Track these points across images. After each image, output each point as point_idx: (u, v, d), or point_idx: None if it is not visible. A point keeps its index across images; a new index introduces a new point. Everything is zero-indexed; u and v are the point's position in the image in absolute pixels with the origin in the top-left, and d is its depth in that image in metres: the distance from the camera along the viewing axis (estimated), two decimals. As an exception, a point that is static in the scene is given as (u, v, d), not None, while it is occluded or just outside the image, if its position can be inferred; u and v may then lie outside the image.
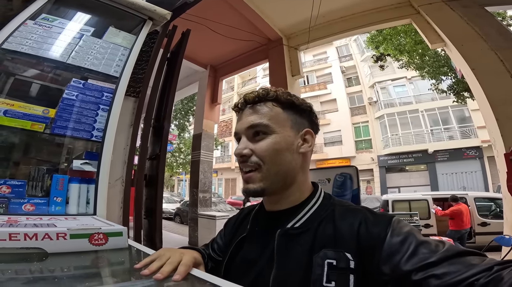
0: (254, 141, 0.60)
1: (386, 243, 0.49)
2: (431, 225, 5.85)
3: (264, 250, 0.58)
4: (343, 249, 0.51)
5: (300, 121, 0.63)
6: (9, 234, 0.60)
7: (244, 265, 0.60)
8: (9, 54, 1.01)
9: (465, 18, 3.16)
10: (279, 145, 0.58)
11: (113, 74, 1.17)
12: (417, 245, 0.47)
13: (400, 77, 15.19)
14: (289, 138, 0.60)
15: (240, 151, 0.59)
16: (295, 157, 0.60)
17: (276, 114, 0.60)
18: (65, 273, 0.60)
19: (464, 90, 6.24)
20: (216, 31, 4.41)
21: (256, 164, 0.58)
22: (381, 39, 6.29)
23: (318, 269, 0.50)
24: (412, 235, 0.49)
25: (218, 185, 21.29)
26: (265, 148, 0.58)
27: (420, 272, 0.43)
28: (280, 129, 0.59)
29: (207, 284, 0.48)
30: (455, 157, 13.11)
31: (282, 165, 0.58)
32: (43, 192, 0.97)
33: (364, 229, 0.52)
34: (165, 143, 2.06)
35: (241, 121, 0.63)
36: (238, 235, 0.65)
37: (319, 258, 0.51)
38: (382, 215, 0.55)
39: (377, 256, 0.48)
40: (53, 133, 1.00)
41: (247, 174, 0.59)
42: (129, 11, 1.33)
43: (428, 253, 0.45)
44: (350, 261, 0.50)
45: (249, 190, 0.59)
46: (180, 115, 11.95)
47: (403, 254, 0.46)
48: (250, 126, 0.60)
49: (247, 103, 0.63)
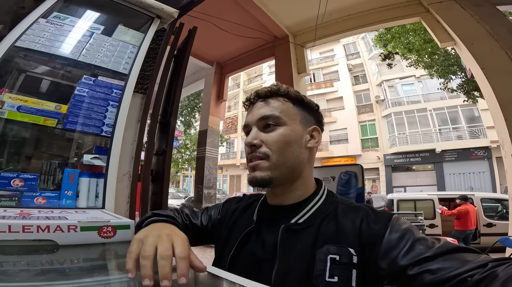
0: (264, 132, 0.61)
1: (385, 239, 0.50)
2: (436, 225, 5.81)
3: (268, 244, 0.59)
4: (346, 245, 0.52)
5: (308, 117, 0.65)
6: (23, 226, 0.62)
7: (249, 259, 0.60)
8: (23, 51, 1.04)
9: (476, 17, 3.10)
10: (288, 137, 0.60)
11: (122, 71, 1.20)
12: (414, 241, 0.48)
13: (408, 76, 14.99)
14: (298, 131, 0.62)
15: (251, 140, 0.60)
16: (303, 151, 0.62)
17: (287, 108, 0.62)
18: (76, 264, 0.63)
19: (474, 89, 6.14)
20: (222, 28, 4.41)
21: (264, 155, 0.59)
22: (389, 37, 6.21)
23: (320, 265, 0.51)
24: (410, 231, 0.50)
25: (223, 182, 21.39)
26: (275, 139, 0.59)
27: (415, 267, 0.44)
28: (290, 121, 0.61)
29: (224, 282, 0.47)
30: (463, 157, 12.92)
31: (290, 157, 0.60)
32: (54, 186, 1.00)
33: (366, 226, 0.53)
34: (171, 139, 2.09)
35: (252, 113, 0.64)
36: (244, 226, 0.65)
37: (321, 254, 0.52)
38: (382, 212, 0.57)
39: (376, 251, 0.50)
40: (65, 128, 1.03)
41: (254, 162, 0.60)
42: (137, 9, 1.35)
43: (424, 248, 0.46)
44: (353, 256, 0.51)
45: (256, 178, 0.59)
46: (186, 112, 12.01)
47: (400, 249, 0.47)
48: (262, 117, 0.61)
49: (259, 97, 0.65)
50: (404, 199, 6.56)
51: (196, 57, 5.78)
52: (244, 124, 0.66)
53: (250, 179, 0.61)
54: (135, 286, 0.50)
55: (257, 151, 0.60)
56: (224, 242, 0.68)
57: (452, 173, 13.16)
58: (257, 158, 0.59)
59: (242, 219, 0.69)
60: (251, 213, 0.67)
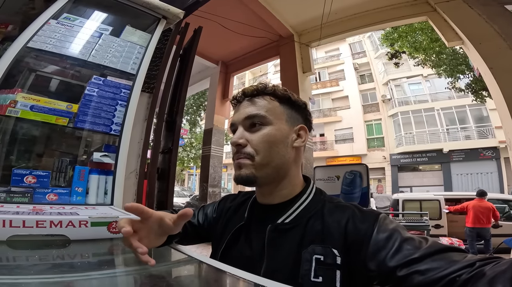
0: (250, 131, 0.61)
1: (372, 239, 0.50)
2: (441, 226, 5.74)
3: (256, 243, 0.59)
4: (330, 245, 0.52)
5: (295, 116, 0.64)
6: (37, 221, 0.64)
7: (238, 257, 0.60)
8: (34, 52, 1.07)
9: (484, 16, 3.06)
10: (274, 137, 0.59)
11: (130, 71, 1.22)
12: (401, 241, 0.48)
13: (416, 75, 14.80)
14: (284, 131, 0.61)
15: (236, 140, 0.60)
16: (289, 151, 0.61)
17: (273, 107, 0.62)
18: (87, 259, 0.65)
19: (483, 89, 6.05)
20: (228, 27, 4.43)
21: (249, 155, 0.59)
22: (396, 37, 6.14)
23: (306, 265, 0.52)
24: (397, 231, 0.50)
25: (228, 180, 21.44)
26: (260, 139, 0.59)
27: (404, 268, 0.44)
28: (276, 121, 0.61)
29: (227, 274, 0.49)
30: (471, 157, 12.73)
31: (276, 157, 0.59)
32: (65, 183, 1.03)
33: (352, 226, 0.53)
34: (177, 137, 2.12)
35: (238, 112, 0.64)
36: (235, 223, 0.65)
37: (307, 254, 0.53)
38: (369, 212, 0.56)
39: (364, 252, 0.50)
40: (76, 127, 1.06)
41: (239, 160, 0.60)
42: (144, 10, 1.37)
43: (412, 249, 0.46)
44: (336, 257, 0.51)
45: (241, 176, 0.59)
46: (192, 110, 12.07)
47: (388, 250, 0.47)
48: (247, 116, 0.61)
49: (246, 96, 0.64)
50: (409, 199, 6.51)
51: (202, 56, 5.80)
52: (231, 123, 0.66)
53: (235, 177, 0.61)
54: (141, 279, 0.53)
55: (242, 151, 0.59)
56: (218, 240, 0.68)
57: (460, 173, 12.98)
58: (242, 157, 0.59)
59: (235, 217, 0.70)
60: (243, 211, 0.68)
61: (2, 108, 0.94)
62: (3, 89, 0.97)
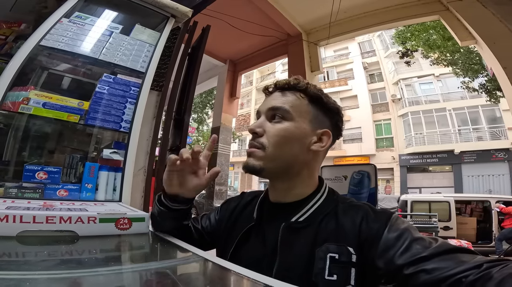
0: (270, 123, 0.61)
1: (383, 238, 0.50)
2: (450, 228, 5.65)
3: (268, 242, 0.59)
4: (345, 243, 0.52)
5: (322, 119, 0.62)
6: (46, 217, 0.64)
7: (249, 256, 0.60)
8: (47, 50, 1.09)
9: (498, 16, 2.97)
10: (291, 134, 0.59)
11: (140, 69, 1.23)
12: (411, 241, 0.48)
13: (427, 74, 14.53)
14: (304, 130, 0.60)
15: (253, 127, 0.61)
16: (304, 152, 0.60)
17: (300, 104, 0.61)
18: (95, 255, 0.66)
19: (497, 89, 5.91)
20: (236, 26, 4.42)
21: (261, 145, 0.59)
22: (408, 35, 6.04)
23: (320, 263, 0.52)
24: (408, 231, 0.50)
25: (234, 179, 21.50)
26: (276, 132, 0.59)
27: (411, 266, 0.44)
28: (298, 118, 0.60)
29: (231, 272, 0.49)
30: (483, 158, 12.44)
31: (287, 153, 0.59)
32: (76, 179, 1.05)
33: (365, 225, 0.53)
34: (185, 135, 2.13)
35: (265, 101, 0.64)
36: (244, 223, 0.65)
37: (321, 252, 0.53)
38: (382, 211, 0.57)
39: (374, 250, 0.50)
40: (87, 124, 1.08)
41: (251, 149, 0.60)
42: (153, 9, 1.38)
43: (421, 248, 0.46)
44: (352, 255, 0.51)
45: (248, 165, 0.59)
46: (199, 109, 12.13)
47: (397, 249, 0.48)
48: (271, 107, 0.61)
49: (277, 88, 0.64)
50: (418, 201, 6.41)
51: (210, 55, 5.82)
52: (257, 111, 0.66)
53: (243, 165, 0.61)
54: (148, 275, 0.53)
55: (256, 140, 0.60)
56: (224, 241, 0.68)
57: (471, 175, 12.71)
58: (254, 146, 0.60)
59: (241, 216, 0.69)
60: (251, 211, 0.67)
61: (15, 105, 0.96)
62: (16, 87, 0.99)
